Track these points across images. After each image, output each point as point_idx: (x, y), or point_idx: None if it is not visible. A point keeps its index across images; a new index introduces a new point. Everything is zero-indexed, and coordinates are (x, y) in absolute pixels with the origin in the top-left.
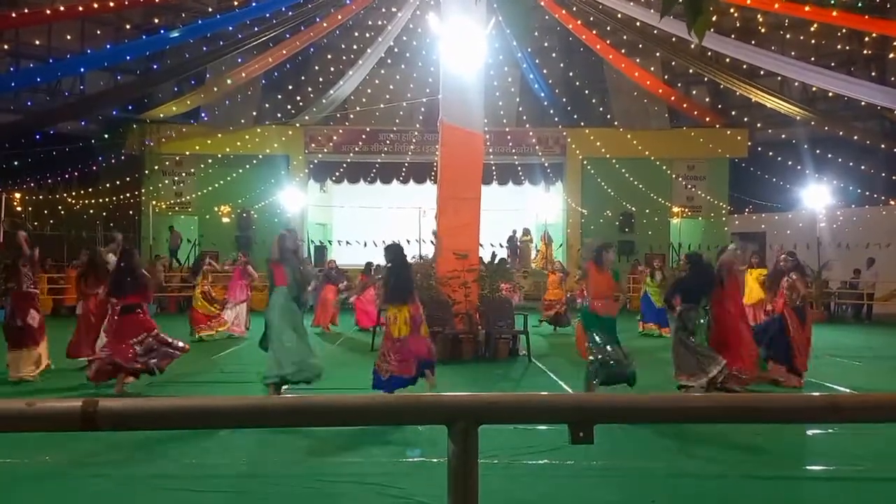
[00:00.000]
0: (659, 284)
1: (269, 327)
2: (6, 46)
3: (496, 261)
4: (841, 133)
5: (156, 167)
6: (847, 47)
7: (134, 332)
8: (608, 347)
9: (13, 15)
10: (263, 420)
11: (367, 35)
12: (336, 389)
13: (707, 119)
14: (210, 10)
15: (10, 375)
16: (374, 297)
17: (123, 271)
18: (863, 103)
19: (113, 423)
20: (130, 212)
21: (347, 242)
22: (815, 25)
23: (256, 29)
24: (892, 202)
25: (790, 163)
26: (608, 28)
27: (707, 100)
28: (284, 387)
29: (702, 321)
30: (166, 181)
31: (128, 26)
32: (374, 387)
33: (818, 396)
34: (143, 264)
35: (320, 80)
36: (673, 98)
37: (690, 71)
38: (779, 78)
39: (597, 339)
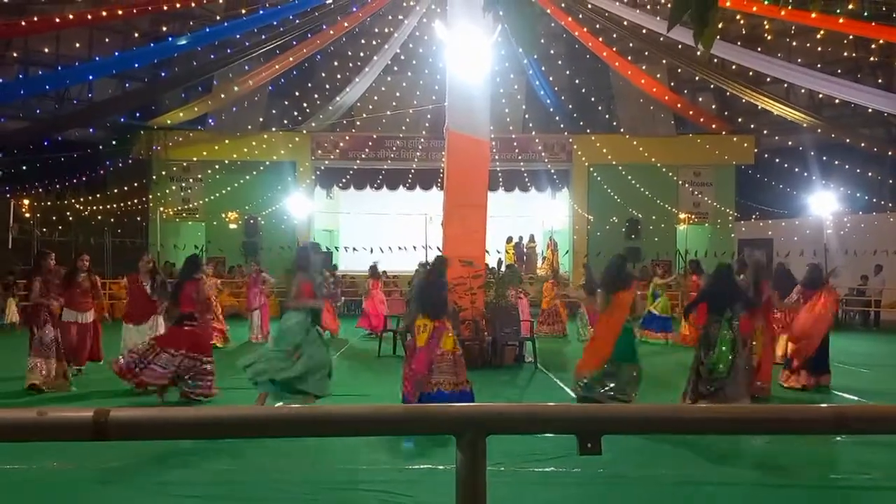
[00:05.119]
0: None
1: (285, 339)
2: (15, 54)
3: (502, 267)
4: (847, 140)
5: (163, 173)
6: (853, 54)
7: (173, 343)
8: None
9: (22, 23)
10: (271, 430)
11: (374, 42)
12: (346, 397)
13: (713, 126)
14: (217, 17)
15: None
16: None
17: (178, 283)
18: (869, 110)
19: (124, 432)
20: (138, 218)
21: (354, 249)
22: (822, 32)
23: (264, 36)
24: None
25: (797, 169)
26: (614, 35)
27: (713, 107)
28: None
29: (727, 334)
30: (173, 187)
31: (136, 34)
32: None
33: (825, 408)
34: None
35: (327, 86)
36: (679, 105)
37: (696, 78)
38: (785, 85)
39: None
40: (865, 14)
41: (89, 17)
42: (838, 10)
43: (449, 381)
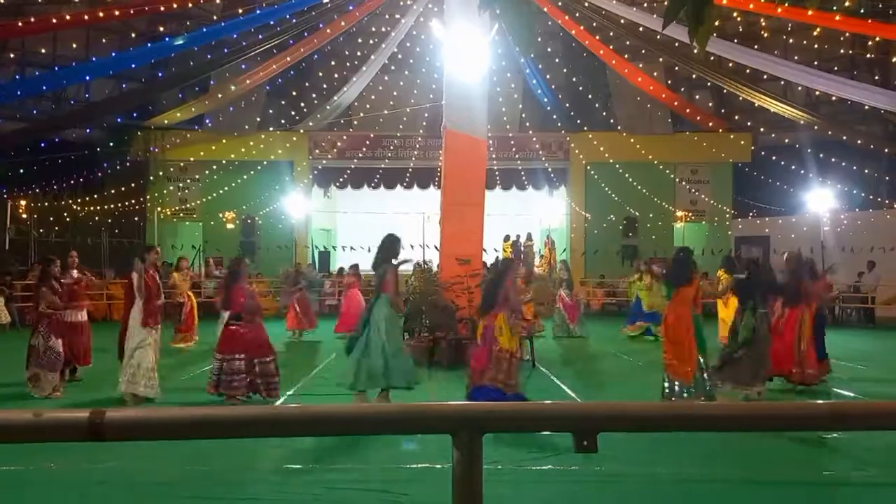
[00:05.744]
0: (648, 287)
1: (373, 333)
2: (12, 55)
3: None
4: (844, 137)
5: (160, 174)
6: (850, 51)
7: (232, 346)
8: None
9: (19, 23)
10: (269, 430)
11: (371, 41)
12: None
13: (710, 123)
14: (214, 17)
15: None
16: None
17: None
18: (866, 107)
19: (120, 433)
20: (135, 218)
21: (351, 248)
22: (818, 30)
23: (261, 36)
24: (895, 206)
25: (794, 167)
26: (611, 33)
27: (710, 104)
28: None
29: (750, 321)
30: (171, 187)
31: (133, 34)
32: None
33: (821, 404)
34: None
35: (324, 86)
36: (676, 103)
37: (693, 76)
38: (782, 82)
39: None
40: (862, 11)
41: (86, 17)
42: (835, 7)
43: (501, 379)
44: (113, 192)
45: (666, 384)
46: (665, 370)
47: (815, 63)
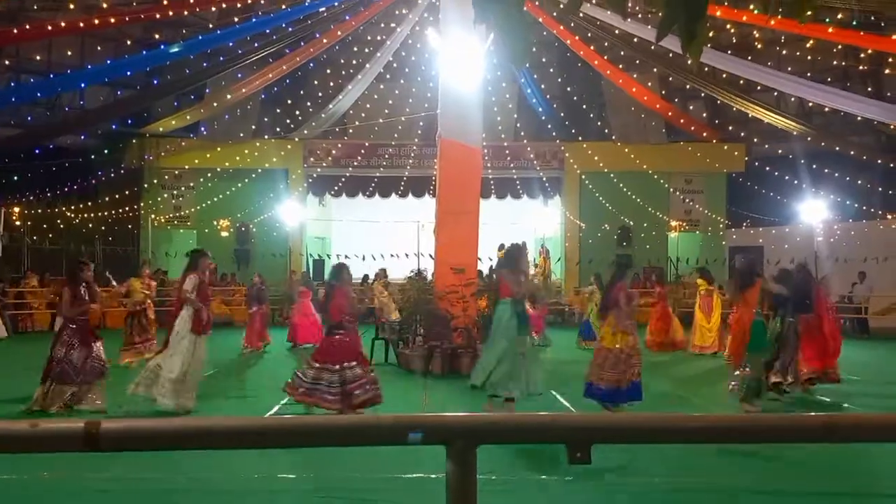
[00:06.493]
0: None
1: (498, 340)
2: (7, 62)
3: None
4: (837, 148)
5: (155, 181)
6: (843, 63)
7: (329, 356)
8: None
9: (14, 31)
10: (261, 441)
11: (367, 50)
12: None
13: (704, 134)
14: (210, 25)
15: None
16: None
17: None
18: (859, 118)
19: (115, 443)
20: (129, 226)
21: (346, 256)
22: (811, 41)
23: (256, 44)
24: (888, 216)
25: (787, 177)
26: (606, 44)
27: (704, 115)
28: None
29: (776, 328)
30: (165, 195)
31: (128, 42)
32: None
33: (814, 416)
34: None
35: (319, 94)
36: (670, 113)
37: (687, 86)
38: (775, 93)
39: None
40: (854, 23)
41: (81, 24)
42: (828, 20)
43: (610, 377)
44: (107, 199)
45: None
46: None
47: (809, 74)
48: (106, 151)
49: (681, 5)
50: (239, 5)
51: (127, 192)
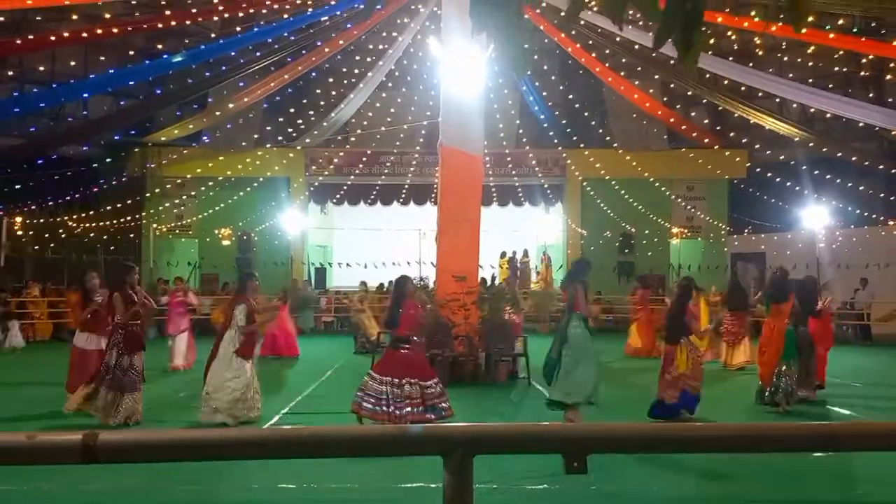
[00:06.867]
0: None
1: (570, 351)
2: (10, 72)
3: (496, 282)
4: (839, 154)
5: (157, 190)
6: (844, 69)
7: (395, 371)
8: None
9: (17, 41)
10: (260, 452)
11: (369, 59)
12: (339, 415)
13: (706, 140)
14: (213, 35)
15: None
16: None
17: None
18: (861, 124)
19: (112, 455)
20: (131, 235)
21: (348, 264)
22: (813, 47)
23: (258, 54)
24: (890, 222)
25: (789, 183)
26: (607, 51)
27: (706, 121)
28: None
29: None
30: (167, 204)
31: (131, 52)
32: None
33: (814, 425)
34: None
35: (321, 103)
36: (672, 119)
37: (689, 93)
38: (777, 99)
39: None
40: (855, 30)
41: (84, 35)
42: (828, 27)
43: (673, 394)
44: (109, 208)
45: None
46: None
47: (810, 80)
48: (108, 160)
49: (677, 17)
50: (241, 15)
51: (129, 201)
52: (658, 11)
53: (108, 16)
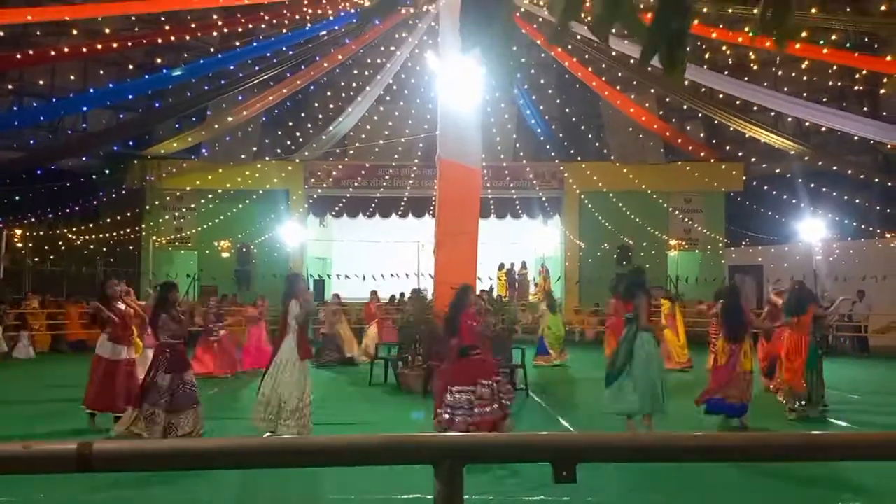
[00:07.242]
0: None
1: (635, 362)
2: (10, 86)
3: (493, 293)
4: (835, 167)
5: (156, 202)
6: (839, 83)
7: (471, 378)
8: None
9: (17, 55)
10: (253, 461)
11: (367, 73)
12: (337, 426)
13: (702, 154)
14: (212, 49)
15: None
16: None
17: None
18: (856, 137)
19: (108, 464)
20: (130, 247)
21: (346, 276)
22: (807, 62)
23: (257, 68)
24: (887, 235)
25: (785, 196)
26: (603, 65)
27: (702, 135)
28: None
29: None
30: (167, 216)
31: (130, 66)
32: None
33: (803, 434)
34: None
35: (320, 116)
36: (668, 133)
37: (685, 106)
38: (772, 113)
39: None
40: (848, 45)
41: (84, 49)
42: (822, 42)
43: (735, 395)
44: (108, 220)
45: (787, 404)
46: (778, 394)
47: (805, 94)
48: (107, 173)
49: (662, 34)
50: (240, 30)
51: (128, 214)
52: (643, 28)
53: (108, 31)
